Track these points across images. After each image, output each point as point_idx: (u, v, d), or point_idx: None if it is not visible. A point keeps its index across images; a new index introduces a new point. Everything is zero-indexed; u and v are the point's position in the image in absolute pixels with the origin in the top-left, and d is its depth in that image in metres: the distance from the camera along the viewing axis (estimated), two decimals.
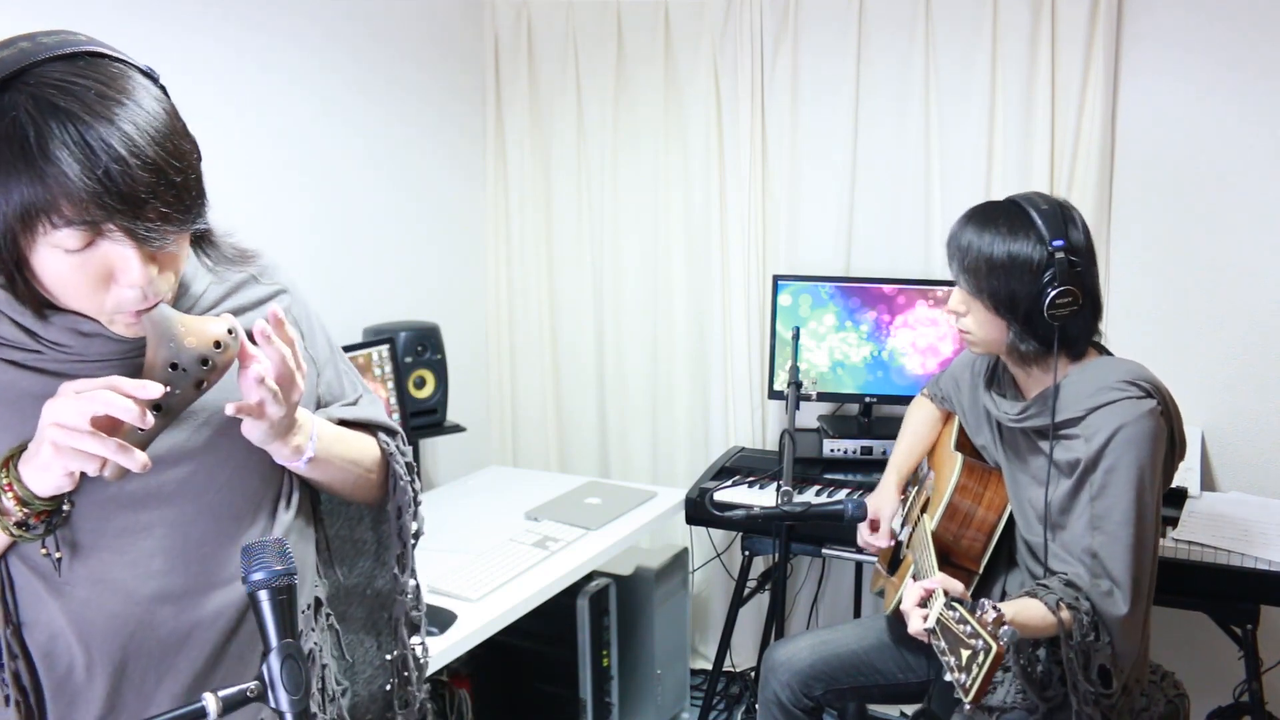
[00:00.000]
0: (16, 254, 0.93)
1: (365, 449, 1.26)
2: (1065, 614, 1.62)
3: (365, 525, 1.39)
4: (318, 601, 1.27)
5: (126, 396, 0.93)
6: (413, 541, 1.33)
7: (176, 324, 0.98)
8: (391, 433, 1.31)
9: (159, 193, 0.92)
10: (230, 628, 1.14)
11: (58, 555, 1.04)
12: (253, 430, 1.05)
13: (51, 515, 1.00)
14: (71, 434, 0.92)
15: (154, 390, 0.95)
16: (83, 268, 0.94)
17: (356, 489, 1.26)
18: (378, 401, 1.35)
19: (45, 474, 0.96)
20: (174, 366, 0.97)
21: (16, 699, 1.06)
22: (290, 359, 1.03)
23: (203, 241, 1.12)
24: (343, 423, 1.25)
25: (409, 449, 1.33)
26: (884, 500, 2.14)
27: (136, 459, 0.94)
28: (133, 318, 0.99)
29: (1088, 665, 1.64)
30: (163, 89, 0.99)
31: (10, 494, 0.97)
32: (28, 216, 0.90)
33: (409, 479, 1.30)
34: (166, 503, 1.09)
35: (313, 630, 1.24)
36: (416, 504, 1.32)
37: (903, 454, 2.22)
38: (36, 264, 0.94)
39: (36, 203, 0.89)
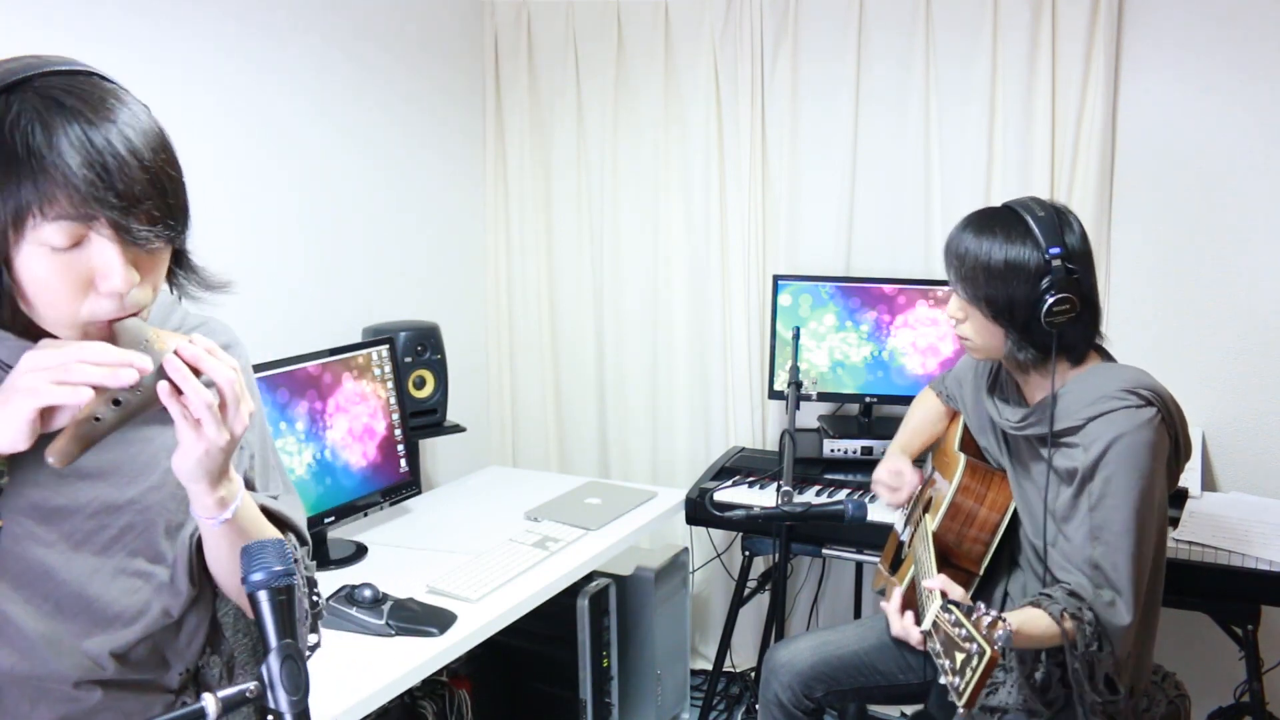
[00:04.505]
0: (4, 251, 0.94)
1: None
2: (1069, 624, 1.62)
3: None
4: (199, 669, 1.23)
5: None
6: (307, 653, 1.25)
7: (148, 330, 0.98)
8: (303, 541, 1.25)
9: (152, 196, 0.95)
10: (105, 674, 1.12)
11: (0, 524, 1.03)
12: (185, 458, 1.01)
13: None
14: (54, 370, 0.91)
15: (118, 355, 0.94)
16: (65, 270, 0.94)
17: None
18: (300, 506, 1.30)
19: (11, 421, 0.92)
20: None
21: None
22: (235, 382, 1.00)
23: (183, 264, 1.10)
24: (263, 512, 1.20)
25: (314, 564, 1.28)
26: (893, 457, 2.15)
27: (123, 376, 0.92)
28: (105, 329, 0.98)
29: (1093, 675, 1.64)
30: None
31: None
32: (21, 210, 0.91)
33: (306, 590, 1.23)
34: (77, 548, 1.08)
35: (189, 689, 1.21)
36: (315, 617, 1.25)
37: (905, 435, 2.23)
38: (19, 266, 0.95)
39: (33, 194, 0.91)
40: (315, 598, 1.25)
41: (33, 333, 1.01)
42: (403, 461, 2.57)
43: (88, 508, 1.08)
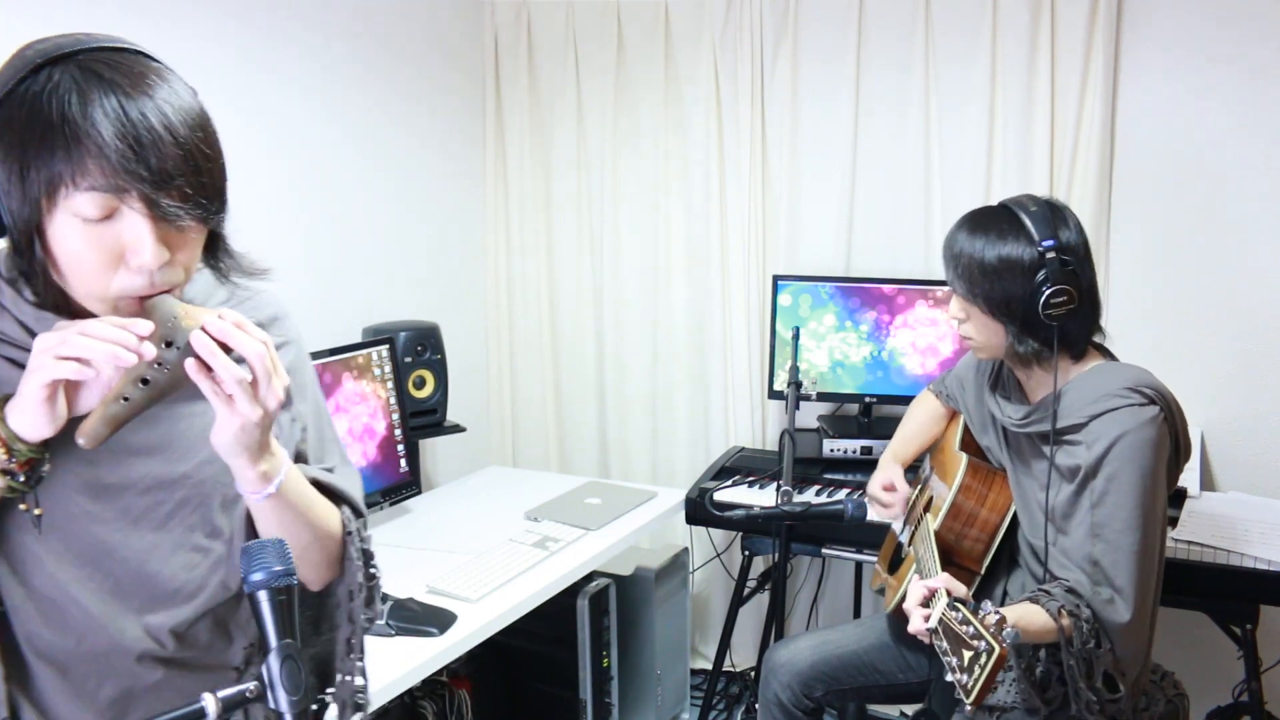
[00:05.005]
0: (38, 220, 0.95)
1: (327, 516, 1.19)
2: (1066, 621, 1.62)
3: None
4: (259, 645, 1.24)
5: (125, 330, 0.94)
6: (365, 625, 1.26)
7: (177, 306, 0.99)
8: (358, 513, 1.25)
9: (185, 173, 0.96)
10: (166, 651, 1.13)
11: (37, 511, 1.04)
12: (221, 434, 1.01)
13: (34, 465, 1.00)
14: (55, 346, 0.92)
15: (144, 327, 0.95)
16: (97, 242, 0.95)
17: (306, 553, 1.18)
18: (356, 478, 1.30)
19: (28, 404, 0.95)
20: (168, 344, 0.97)
21: None
22: (265, 356, 0.99)
23: (219, 250, 1.11)
24: (315, 485, 1.19)
25: (370, 535, 1.27)
26: (887, 467, 2.17)
27: (121, 354, 0.93)
28: (136, 305, 0.99)
29: (1090, 673, 1.64)
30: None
31: None
32: (54, 179, 0.93)
33: (361, 563, 1.23)
34: (134, 524, 1.09)
35: (255, 664, 1.21)
36: (372, 590, 1.25)
37: (901, 440, 2.23)
38: (52, 236, 0.96)
39: (65, 163, 0.92)
40: (373, 570, 1.26)
41: (70, 309, 1.02)
42: (403, 461, 2.57)
43: (140, 484, 1.09)
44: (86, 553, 1.07)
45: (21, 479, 0.99)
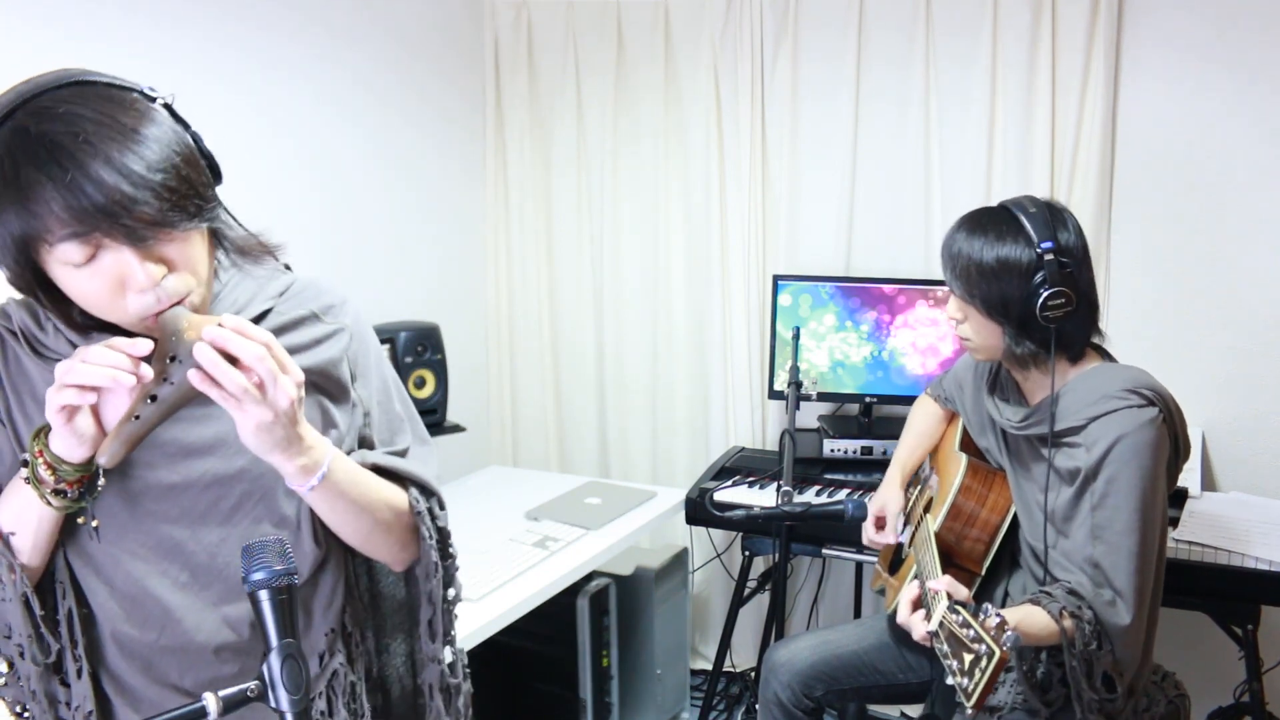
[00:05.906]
0: (34, 276, 0.98)
1: (390, 500, 1.20)
2: (1068, 623, 1.62)
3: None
4: (344, 627, 1.26)
5: (120, 352, 0.98)
6: (446, 605, 1.28)
7: (182, 320, 1.00)
8: (428, 493, 1.26)
9: (142, 196, 0.95)
10: (244, 642, 1.17)
11: (95, 523, 1.08)
12: (244, 435, 1.02)
13: (86, 483, 1.04)
14: (62, 374, 0.96)
15: (143, 347, 0.98)
16: (94, 278, 0.98)
17: (371, 539, 1.20)
18: (429, 459, 1.29)
19: (54, 430, 1.00)
20: (172, 359, 0.98)
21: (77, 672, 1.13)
22: (265, 358, 0.99)
23: (223, 241, 1.12)
24: (379, 470, 1.21)
25: (445, 513, 1.27)
26: (889, 496, 2.13)
27: (144, 371, 0.97)
28: (154, 322, 1.01)
29: (1091, 673, 1.64)
30: (167, 107, 1.03)
31: (42, 460, 1.02)
32: (28, 240, 0.95)
33: (432, 542, 1.25)
34: (200, 521, 1.13)
35: (338, 652, 1.23)
36: (448, 570, 1.28)
37: (906, 451, 2.22)
38: (59, 282, 0.99)
39: (29, 226, 0.94)
40: (450, 549, 1.29)
41: (113, 326, 1.05)
42: None
43: (199, 482, 1.12)
44: (158, 549, 1.12)
45: (74, 495, 1.04)
